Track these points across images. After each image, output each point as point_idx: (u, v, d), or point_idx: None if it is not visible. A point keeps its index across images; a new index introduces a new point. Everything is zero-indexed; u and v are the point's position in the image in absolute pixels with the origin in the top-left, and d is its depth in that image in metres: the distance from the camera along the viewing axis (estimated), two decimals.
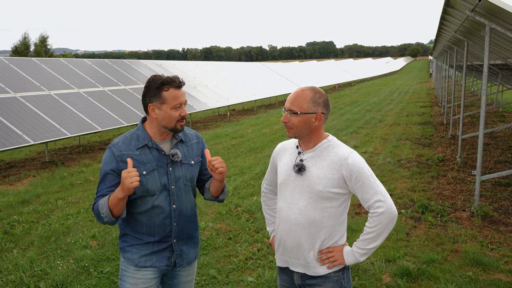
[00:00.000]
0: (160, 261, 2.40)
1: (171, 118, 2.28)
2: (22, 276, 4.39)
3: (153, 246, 2.38)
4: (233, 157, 10.09)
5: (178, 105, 2.27)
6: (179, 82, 2.30)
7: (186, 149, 2.45)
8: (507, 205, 6.18)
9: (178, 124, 2.30)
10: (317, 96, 2.23)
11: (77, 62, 13.82)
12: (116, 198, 2.16)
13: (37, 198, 7.17)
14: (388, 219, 2.16)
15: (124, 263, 2.43)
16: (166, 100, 2.26)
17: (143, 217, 2.35)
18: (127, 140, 2.33)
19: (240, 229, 5.55)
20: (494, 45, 8.49)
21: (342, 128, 14.03)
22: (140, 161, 2.30)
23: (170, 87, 2.26)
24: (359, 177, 2.17)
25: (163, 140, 2.38)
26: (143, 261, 2.38)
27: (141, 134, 2.34)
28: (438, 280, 4.14)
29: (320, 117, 2.24)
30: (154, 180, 2.31)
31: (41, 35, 50.43)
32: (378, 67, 65.61)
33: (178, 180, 2.38)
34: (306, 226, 2.25)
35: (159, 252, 2.39)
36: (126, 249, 2.41)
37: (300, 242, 2.27)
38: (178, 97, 2.27)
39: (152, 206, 2.33)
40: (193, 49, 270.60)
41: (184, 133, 2.47)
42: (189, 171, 2.43)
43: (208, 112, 20.97)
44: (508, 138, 11.23)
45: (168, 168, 2.36)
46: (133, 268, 2.39)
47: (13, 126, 8.90)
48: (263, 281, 4.18)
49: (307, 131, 2.24)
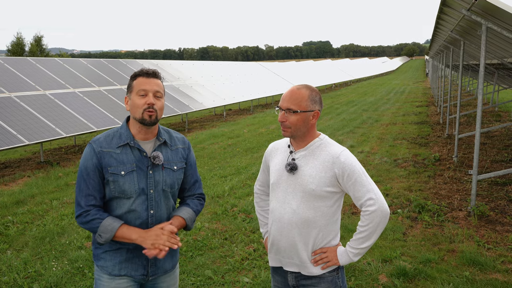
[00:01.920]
0: (136, 270, 2.27)
1: (135, 107, 2.18)
2: (16, 278, 4.34)
3: (127, 252, 2.25)
4: (229, 156, 10.07)
5: (142, 91, 2.18)
6: (148, 71, 2.23)
7: (170, 153, 2.32)
8: (503, 204, 6.17)
9: (146, 113, 2.16)
10: (313, 93, 2.23)
11: (73, 62, 13.75)
12: (127, 236, 2.15)
13: (31, 198, 7.12)
14: (380, 217, 2.14)
15: (97, 272, 2.30)
16: (133, 88, 2.21)
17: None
18: (109, 137, 2.24)
19: (236, 229, 5.52)
20: (491, 45, 8.50)
21: (338, 127, 14.02)
22: (120, 161, 2.19)
23: (139, 76, 2.22)
24: (351, 175, 2.16)
25: (145, 140, 2.26)
26: (118, 269, 2.25)
27: (124, 132, 2.24)
28: (435, 280, 4.13)
29: (317, 115, 2.24)
30: (132, 182, 2.19)
31: (36, 35, 50.16)
32: (374, 66, 65.73)
33: (158, 184, 2.25)
34: (300, 225, 2.23)
35: (134, 260, 2.26)
36: (100, 256, 2.28)
37: (294, 242, 2.25)
38: (144, 84, 2.19)
39: (128, 210, 2.21)
40: (189, 49, 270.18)
41: (170, 135, 2.37)
42: (170, 177, 2.30)
43: (205, 112, 20.94)
44: (504, 138, 11.24)
45: (148, 171, 2.24)
46: (107, 277, 2.26)
47: (8, 126, 8.83)
48: (259, 282, 4.16)
49: (304, 129, 2.22)
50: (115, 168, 2.18)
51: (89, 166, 2.19)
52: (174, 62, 19.64)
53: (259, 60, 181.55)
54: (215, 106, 16.88)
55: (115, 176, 2.18)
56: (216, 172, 8.60)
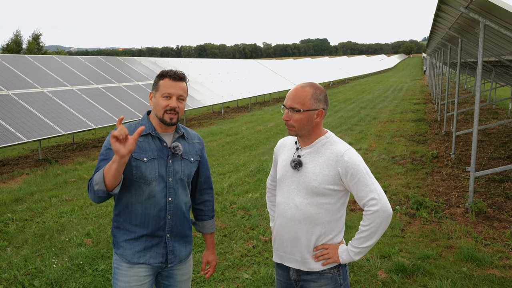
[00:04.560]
0: (154, 258, 2.36)
1: (159, 106, 2.29)
2: (16, 274, 4.35)
3: (146, 240, 2.34)
4: (227, 154, 10.08)
5: (167, 94, 2.28)
6: (175, 74, 2.32)
7: (187, 146, 2.46)
8: (501, 201, 6.21)
9: (166, 115, 2.29)
10: (318, 92, 2.23)
11: (71, 60, 13.72)
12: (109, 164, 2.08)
13: (30, 196, 7.12)
14: (382, 217, 2.14)
15: (117, 261, 2.40)
16: (159, 88, 2.31)
17: (138, 207, 2.32)
18: (131, 127, 2.34)
19: (235, 226, 5.54)
20: (488, 42, 8.53)
21: (336, 125, 14.05)
22: (142, 148, 2.31)
23: (166, 77, 2.31)
24: (355, 175, 2.17)
25: (165, 133, 2.39)
26: (136, 257, 2.34)
27: (146, 123, 2.36)
28: (433, 276, 4.16)
29: (322, 113, 2.24)
30: (153, 169, 2.30)
31: (34, 33, 50.00)
32: (372, 64, 65.77)
33: (176, 173, 2.38)
34: (302, 221, 2.25)
35: (153, 248, 2.36)
36: (119, 244, 2.37)
37: (296, 237, 2.27)
38: (170, 87, 2.29)
39: (148, 196, 2.32)
40: (187, 47, 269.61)
41: (186, 130, 2.51)
42: (188, 167, 2.44)
43: (203, 110, 20.93)
44: (502, 135, 11.30)
45: (168, 160, 2.36)
46: (126, 265, 2.35)
47: (6, 124, 8.82)
48: (258, 278, 4.18)
49: (309, 128, 2.23)
50: (138, 154, 2.29)
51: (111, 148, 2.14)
52: (172, 60, 19.62)
53: (257, 58, 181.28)
54: (213, 103, 16.88)
55: (138, 162, 2.28)
56: (215, 169, 8.62)
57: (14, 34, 48.19)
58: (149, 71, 16.27)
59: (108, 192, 2.14)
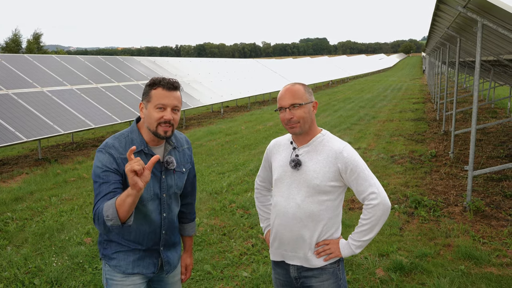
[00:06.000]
0: (147, 268, 2.32)
1: (151, 119, 2.11)
2: (16, 273, 4.38)
3: (139, 252, 2.29)
4: (227, 153, 10.10)
5: (160, 105, 2.10)
6: (169, 83, 2.13)
7: (178, 156, 2.34)
8: (498, 200, 6.24)
9: (160, 128, 2.12)
10: (306, 87, 2.34)
11: (70, 59, 13.73)
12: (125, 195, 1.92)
13: (30, 195, 7.14)
14: (382, 210, 2.21)
15: (109, 272, 2.30)
16: (151, 99, 2.12)
17: (133, 224, 2.20)
18: (121, 143, 2.17)
19: (234, 225, 5.57)
20: (486, 41, 8.55)
21: (335, 124, 14.08)
22: None
23: (159, 86, 2.13)
24: (354, 170, 2.22)
25: (156, 146, 2.24)
26: (131, 267, 2.28)
27: (136, 138, 2.19)
28: (431, 274, 4.19)
29: (316, 105, 2.35)
30: (148, 188, 2.18)
31: (35, 32, 49.99)
32: (371, 63, 65.79)
33: (170, 188, 2.29)
34: (304, 219, 2.28)
35: (146, 259, 2.32)
36: (111, 256, 2.28)
37: (298, 235, 2.30)
38: (163, 98, 2.11)
39: (143, 216, 2.23)
40: (186, 46, 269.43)
41: (175, 137, 2.35)
42: (180, 179, 2.35)
43: (202, 109, 20.95)
44: (500, 134, 11.32)
45: (162, 176, 2.24)
46: (120, 276, 2.28)
47: (6, 123, 8.84)
48: (257, 276, 4.21)
49: (310, 121, 2.29)
50: None
51: (110, 169, 2.09)
52: (171, 59, 19.63)
53: (256, 57, 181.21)
54: (212, 103, 16.90)
55: None
56: (214, 168, 8.64)
57: (13, 33, 48.15)
58: (149, 70, 16.29)
59: (123, 223, 1.98)
